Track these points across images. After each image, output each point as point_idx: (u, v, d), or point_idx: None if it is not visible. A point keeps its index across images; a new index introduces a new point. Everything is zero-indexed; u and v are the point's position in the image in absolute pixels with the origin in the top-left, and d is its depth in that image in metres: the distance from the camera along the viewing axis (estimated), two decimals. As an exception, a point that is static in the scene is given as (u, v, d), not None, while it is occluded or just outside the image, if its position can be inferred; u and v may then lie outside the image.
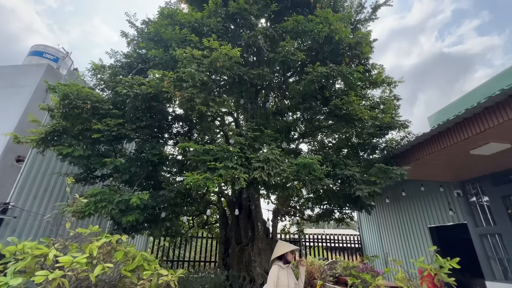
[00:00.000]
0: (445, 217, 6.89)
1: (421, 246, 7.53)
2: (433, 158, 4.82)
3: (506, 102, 3.39)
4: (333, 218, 6.60)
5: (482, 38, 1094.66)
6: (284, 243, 3.40)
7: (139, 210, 4.09)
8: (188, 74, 3.19)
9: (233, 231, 5.91)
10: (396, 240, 8.53)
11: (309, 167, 3.61)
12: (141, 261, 2.65)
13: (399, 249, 8.27)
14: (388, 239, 8.99)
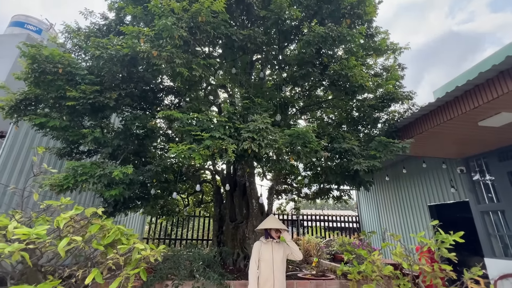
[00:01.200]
0: (446, 195, 6.70)
1: (419, 225, 7.42)
2: (437, 132, 4.52)
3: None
4: (331, 196, 6.45)
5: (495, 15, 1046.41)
6: (273, 218, 3.25)
7: (124, 185, 3.88)
8: (164, 27, 2.83)
9: (228, 208, 5.77)
10: (395, 219, 8.45)
11: (303, 138, 3.33)
12: (118, 235, 2.45)
13: (397, 228, 8.20)
14: (387, 218, 8.91)
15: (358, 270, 2.61)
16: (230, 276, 3.71)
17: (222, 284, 3.31)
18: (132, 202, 5.15)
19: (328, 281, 3.74)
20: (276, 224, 3.16)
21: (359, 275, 2.70)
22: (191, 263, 3.39)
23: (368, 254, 2.47)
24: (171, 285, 3.22)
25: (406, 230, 7.80)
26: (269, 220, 3.21)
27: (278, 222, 3.22)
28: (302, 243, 7.19)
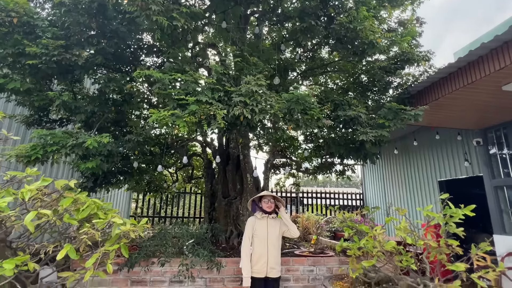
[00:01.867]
0: (458, 170, 6.77)
1: (427, 202, 7.59)
2: (455, 98, 4.41)
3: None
4: (333, 171, 6.50)
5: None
6: (267, 192, 3.29)
7: (102, 157, 3.82)
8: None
9: (220, 184, 5.80)
10: (401, 196, 8.62)
11: (303, 104, 3.22)
12: (94, 209, 2.43)
13: (403, 206, 8.40)
14: (393, 195, 9.09)
15: (358, 246, 2.66)
16: (221, 253, 3.81)
17: (212, 261, 3.40)
18: (114, 177, 5.15)
19: (326, 258, 3.87)
20: (262, 193, 3.18)
21: (359, 251, 2.77)
22: (179, 240, 3.45)
23: (369, 229, 2.50)
24: (157, 262, 3.30)
25: (413, 207, 7.99)
26: (266, 192, 3.25)
27: (268, 192, 3.24)
28: (301, 220, 7.37)
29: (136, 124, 4.23)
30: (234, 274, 3.53)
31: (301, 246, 5.62)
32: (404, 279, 2.73)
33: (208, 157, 5.97)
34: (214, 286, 3.45)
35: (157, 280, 3.34)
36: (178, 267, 3.27)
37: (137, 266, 3.29)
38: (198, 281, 3.43)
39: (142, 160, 5.05)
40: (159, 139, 5.60)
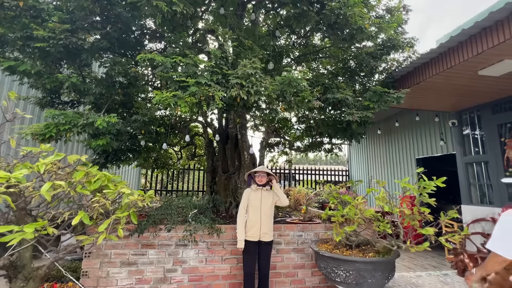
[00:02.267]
0: (435, 148, 6.84)
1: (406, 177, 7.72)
2: (435, 82, 4.36)
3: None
4: (322, 149, 6.53)
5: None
6: (261, 167, 3.35)
7: (112, 136, 3.79)
8: None
9: (220, 160, 5.79)
10: (383, 172, 8.76)
11: (295, 86, 3.16)
12: (105, 181, 2.44)
13: (384, 180, 8.55)
14: (375, 171, 9.24)
15: (341, 213, 2.73)
16: (221, 221, 3.90)
17: (213, 227, 3.49)
18: (123, 154, 5.14)
19: (314, 224, 3.97)
20: (256, 169, 3.24)
21: (342, 218, 2.85)
22: (183, 209, 3.51)
23: (352, 199, 2.56)
24: (164, 228, 3.38)
25: (393, 181, 8.15)
26: (260, 167, 3.31)
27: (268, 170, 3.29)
28: (292, 193, 7.52)
29: (141, 106, 4.17)
30: (232, 238, 3.63)
31: (292, 216, 5.77)
32: (380, 242, 2.83)
33: (209, 136, 5.94)
34: (215, 249, 3.56)
35: (164, 243, 3.44)
36: (183, 233, 3.37)
37: (146, 232, 3.38)
38: (201, 244, 3.54)
39: (149, 139, 5.04)
40: (163, 120, 5.56)
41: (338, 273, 2.84)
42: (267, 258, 3.16)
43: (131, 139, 4.86)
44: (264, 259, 3.17)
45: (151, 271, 3.36)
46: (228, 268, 3.57)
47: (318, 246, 3.32)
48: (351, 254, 2.94)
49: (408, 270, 5.17)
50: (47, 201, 2.31)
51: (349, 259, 2.78)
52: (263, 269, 3.15)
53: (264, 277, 3.15)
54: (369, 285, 2.77)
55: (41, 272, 2.25)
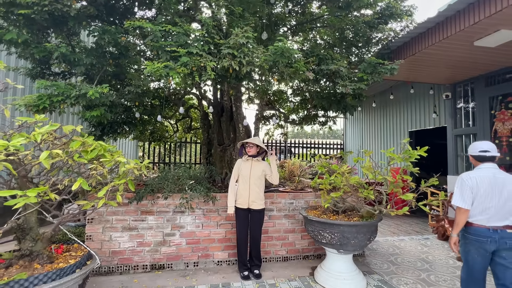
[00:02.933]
0: (427, 121, 6.94)
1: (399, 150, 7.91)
2: (431, 53, 4.32)
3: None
4: (317, 122, 6.59)
5: None
6: (255, 138, 3.44)
7: (106, 107, 3.81)
8: None
9: (215, 133, 5.85)
10: (377, 145, 8.93)
11: (288, 57, 3.13)
12: (101, 150, 2.52)
13: (377, 153, 8.75)
14: (369, 144, 9.41)
15: (328, 181, 2.89)
16: (217, 190, 4.08)
17: (208, 195, 3.67)
18: (119, 127, 5.18)
19: (304, 193, 4.18)
20: (255, 141, 3.33)
21: (330, 186, 3.01)
22: (179, 179, 3.66)
23: (338, 168, 2.69)
24: (162, 196, 3.55)
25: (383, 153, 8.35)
26: (251, 139, 3.41)
27: (259, 142, 3.38)
28: (287, 165, 7.72)
29: (134, 77, 4.12)
30: (227, 206, 3.83)
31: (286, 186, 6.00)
32: (364, 207, 3.03)
33: (204, 109, 5.95)
34: (210, 215, 3.78)
35: (162, 210, 3.64)
36: (179, 200, 3.55)
37: (145, 200, 3.55)
38: (197, 211, 3.74)
39: (144, 111, 5.05)
40: (158, 92, 5.52)
41: (324, 235, 3.07)
42: (257, 225, 3.38)
43: (126, 112, 4.87)
44: (254, 226, 3.39)
45: (151, 235, 3.60)
46: (223, 232, 3.82)
47: (307, 212, 3.54)
48: (337, 219, 3.15)
49: (393, 235, 5.55)
50: (47, 170, 2.41)
51: (334, 222, 2.99)
52: (254, 234, 3.40)
53: (255, 242, 3.40)
54: (352, 245, 3.01)
55: (47, 234, 2.42)
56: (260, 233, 3.43)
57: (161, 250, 3.63)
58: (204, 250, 3.75)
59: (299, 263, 3.96)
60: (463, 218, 2.21)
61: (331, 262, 3.26)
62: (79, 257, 2.42)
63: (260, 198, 3.35)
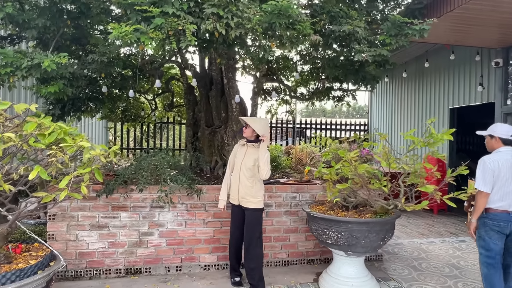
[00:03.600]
0: (472, 96, 7.00)
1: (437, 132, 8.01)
2: (476, 8, 4.33)
3: None
4: (331, 97, 6.68)
5: None
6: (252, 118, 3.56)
7: (65, 81, 3.97)
8: None
9: (203, 111, 6.02)
10: (409, 125, 9.03)
11: (288, 17, 3.22)
12: (61, 134, 2.71)
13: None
14: (400, 124, 9.51)
15: (334, 170, 3.06)
16: (203, 181, 4.30)
17: (192, 187, 3.89)
18: (83, 104, 5.37)
19: (310, 185, 4.39)
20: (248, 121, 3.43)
21: (337, 176, 3.19)
22: (156, 167, 3.86)
23: (344, 154, 2.85)
24: (136, 189, 3.78)
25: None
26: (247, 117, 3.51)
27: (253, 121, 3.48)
28: (294, 152, 7.91)
29: (99, 42, 4.23)
30: (215, 200, 4.04)
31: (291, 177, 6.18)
32: (379, 202, 3.23)
33: (188, 81, 6.06)
34: (195, 211, 4.03)
35: (137, 205, 3.89)
36: (157, 193, 3.77)
37: (116, 193, 3.79)
38: (179, 206, 3.99)
39: (112, 84, 5.19)
40: (130, 60, 5.61)
41: (330, 235, 3.30)
42: (248, 228, 3.39)
43: (91, 85, 5.03)
44: (246, 228, 3.41)
45: (124, 235, 3.87)
46: (211, 231, 4.08)
47: (312, 207, 3.75)
48: (346, 216, 3.37)
49: (421, 237, 5.82)
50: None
51: (341, 219, 3.20)
52: (245, 238, 3.43)
53: (247, 248, 3.43)
54: (362, 246, 3.24)
55: (3, 231, 2.67)
56: (251, 237, 3.38)
57: (137, 252, 3.91)
58: (188, 252, 4.03)
59: (302, 268, 4.24)
60: (484, 202, 2.64)
61: (338, 266, 3.52)
62: (40, 257, 2.68)
63: (251, 194, 3.36)
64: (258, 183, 3.43)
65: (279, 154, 7.87)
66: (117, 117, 7.11)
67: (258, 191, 3.42)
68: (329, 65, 4.95)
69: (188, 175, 4.06)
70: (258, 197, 3.41)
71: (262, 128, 3.42)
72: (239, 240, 3.60)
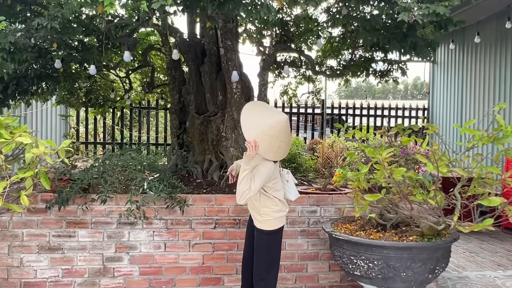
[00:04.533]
0: None
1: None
2: None
3: None
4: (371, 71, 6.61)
5: None
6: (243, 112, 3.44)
7: (4, 54, 4.10)
8: None
9: (192, 93, 6.12)
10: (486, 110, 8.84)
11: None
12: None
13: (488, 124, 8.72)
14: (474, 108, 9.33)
15: (362, 175, 3.08)
16: (188, 188, 4.39)
17: (173, 198, 3.98)
18: (31, 84, 5.50)
19: (336, 195, 4.43)
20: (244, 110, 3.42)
21: (367, 183, 3.20)
22: (125, 170, 3.98)
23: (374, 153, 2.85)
24: (98, 200, 3.91)
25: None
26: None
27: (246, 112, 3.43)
28: (321, 148, 7.92)
29: (51, 1, 4.30)
30: (206, 214, 4.16)
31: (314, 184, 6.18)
32: (426, 219, 3.24)
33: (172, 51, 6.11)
34: (178, 229, 4.15)
35: (100, 221, 4.03)
36: (126, 205, 3.89)
37: (72, 204, 3.93)
38: (156, 222, 4.11)
39: (69, 58, 5.29)
40: (93, 23, 5.70)
41: (358, 264, 3.33)
42: (255, 251, 3.45)
43: (41, 59, 5.15)
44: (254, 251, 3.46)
45: (84, 260, 4.04)
46: (199, 257, 4.19)
47: (336, 226, 3.79)
48: (382, 238, 3.39)
49: (497, 268, 5.77)
50: None
51: (373, 243, 3.22)
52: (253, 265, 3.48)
53: (253, 280, 3.48)
54: (402, 280, 3.26)
55: None
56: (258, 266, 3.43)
57: (101, 283, 4.07)
58: (169, 285, 4.15)
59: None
60: None
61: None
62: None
63: (255, 209, 3.39)
64: (265, 197, 3.36)
65: (300, 151, 7.90)
66: (79, 101, 7.26)
67: (263, 207, 3.37)
68: (365, 28, 4.91)
69: (168, 180, 4.16)
70: (263, 216, 3.37)
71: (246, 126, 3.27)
72: (248, 259, 3.61)
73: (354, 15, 5.40)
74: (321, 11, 6.41)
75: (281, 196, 3.46)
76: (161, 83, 8.00)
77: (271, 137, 3.15)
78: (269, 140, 3.13)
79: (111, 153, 4.46)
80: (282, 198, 3.47)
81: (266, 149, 3.14)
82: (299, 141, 8.56)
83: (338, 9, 5.89)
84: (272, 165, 3.24)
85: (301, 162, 7.54)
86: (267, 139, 3.12)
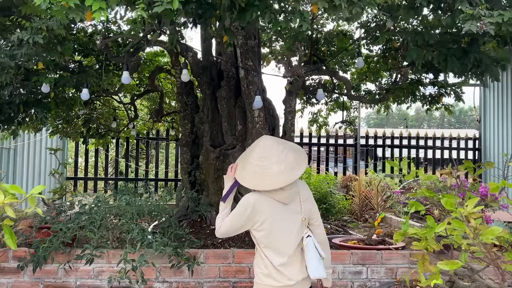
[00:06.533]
0: None
1: None
2: None
3: None
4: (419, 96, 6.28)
5: None
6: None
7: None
8: None
9: (207, 123, 5.97)
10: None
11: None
12: None
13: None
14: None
15: (433, 233, 2.54)
16: (198, 241, 3.98)
17: (180, 254, 3.56)
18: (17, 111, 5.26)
19: (386, 252, 3.94)
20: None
21: (438, 244, 2.66)
22: (119, 219, 3.61)
23: (455, 205, 2.30)
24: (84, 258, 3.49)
25: None
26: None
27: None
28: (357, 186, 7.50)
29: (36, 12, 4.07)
30: (221, 276, 3.72)
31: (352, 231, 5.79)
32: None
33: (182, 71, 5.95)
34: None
35: (87, 284, 3.61)
36: (118, 264, 3.47)
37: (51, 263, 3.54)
38: (158, 286, 3.67)
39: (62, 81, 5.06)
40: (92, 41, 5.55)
41: None
42: None
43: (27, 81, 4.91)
44: None
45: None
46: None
47: (390, 297, 3.22)
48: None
49: None
50: None
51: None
52: None
53: None
54: None
55: None
56: None
57: None
58: None
59: None
60: None
61: None
62: None
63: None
64: (258, 252, 2.75)
65: (332, 189, 7.49)
66: (77, 131, 7.05)
67: (255, 266, 2.78)
68: (416, 43, 4.54)
69: (173, 231, 3.74)
70: (255, 277, 2.76)
71: None
72: None
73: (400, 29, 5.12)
74: (357, 26, 6.33)
75: (277, 260, 2.73)
76: (172, 111, 7.89)
77: (246, 157, 2.79)
78: (243, 161, 2.77)
79: (104, 195, 4.09)
80: (278, 263, 2.74)
81: (239, 172, 2.74)
82: (330, 177, 8.12)
83: (378, 23, 5.66)
84: (254, 200, 2.60)
85: (333, 203, 7.22)
86: (243, 159, 2.79)
